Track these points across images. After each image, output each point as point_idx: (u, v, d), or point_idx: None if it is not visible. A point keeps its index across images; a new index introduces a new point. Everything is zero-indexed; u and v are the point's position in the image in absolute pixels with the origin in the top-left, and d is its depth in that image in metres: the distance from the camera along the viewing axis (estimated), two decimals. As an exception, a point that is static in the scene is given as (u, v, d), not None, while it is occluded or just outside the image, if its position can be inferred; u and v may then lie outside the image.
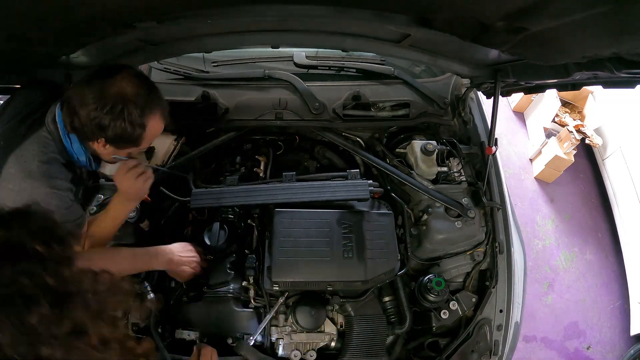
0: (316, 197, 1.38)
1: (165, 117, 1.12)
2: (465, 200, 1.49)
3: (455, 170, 1.59)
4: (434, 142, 1.57)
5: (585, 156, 3.61)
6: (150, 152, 1.53)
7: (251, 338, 1.28)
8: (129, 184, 1.16)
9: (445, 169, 1.57)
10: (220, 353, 1.33)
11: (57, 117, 1.07)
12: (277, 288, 1.31)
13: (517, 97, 3.84)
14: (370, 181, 1.45)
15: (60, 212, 1.03)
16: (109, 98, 0.99)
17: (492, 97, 1.45)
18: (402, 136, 1.73)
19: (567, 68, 1.13)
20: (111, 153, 1.13)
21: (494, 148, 1.49)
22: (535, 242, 3.15)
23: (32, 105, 1.13)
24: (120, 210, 1.22)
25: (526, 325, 2.71)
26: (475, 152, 1.61)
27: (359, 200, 1.40)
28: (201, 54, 1.78)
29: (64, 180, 1.09)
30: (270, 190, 1.41)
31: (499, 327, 1.37)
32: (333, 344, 1.36)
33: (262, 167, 1.62)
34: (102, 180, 1.53)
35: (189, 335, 1.31)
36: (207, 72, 1.73)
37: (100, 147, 1.08)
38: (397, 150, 1.67)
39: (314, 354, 1.32)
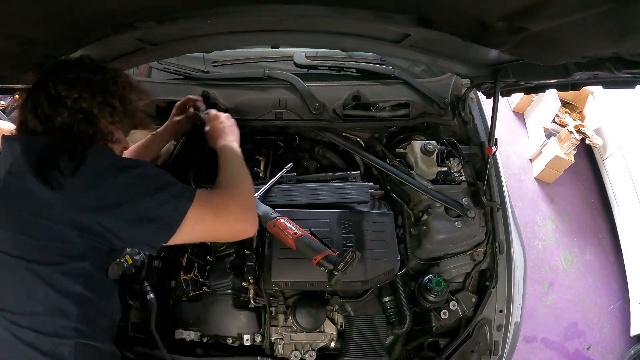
0: (315, 200, 1.39)
1: None
2: (465, 201, 1.49)
3: (455, 170, 1.59)
4: (434, 142, 1.57)
5: (585, 156, 3.62)
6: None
7: None
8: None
9: (445, 169, 1.57)
10: (220, 353, 1.33)
11: None
12: (277, 288, 1.31)
13: (517, 97, 3.84)
14: (370, 184, 1.45)
15: None
16: None
17: (492, 97, 1.45)
18: (402, 136, 1.73)
19: (567, 68, 1.12)
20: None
21: (494, 148, 1.49)
22: (535, 242, 3.15)
23: None
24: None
25: (526, 325, 2.71)
26: (475, 152, 1.61)
27: (359, 203, 1.41)
28: (201, 54, 1.78)
29: None
30: (269, 192, 1.42)
31: (499, 327, 1.37)
32: (333, 344, 1.36)
33: (262, 167, 1.62)
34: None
35: (189, 335, 1.31)
36: (207, 72, 1.73)
37: None
38: (397, 150, 1.67)
39: (314, 354, 1.32)
